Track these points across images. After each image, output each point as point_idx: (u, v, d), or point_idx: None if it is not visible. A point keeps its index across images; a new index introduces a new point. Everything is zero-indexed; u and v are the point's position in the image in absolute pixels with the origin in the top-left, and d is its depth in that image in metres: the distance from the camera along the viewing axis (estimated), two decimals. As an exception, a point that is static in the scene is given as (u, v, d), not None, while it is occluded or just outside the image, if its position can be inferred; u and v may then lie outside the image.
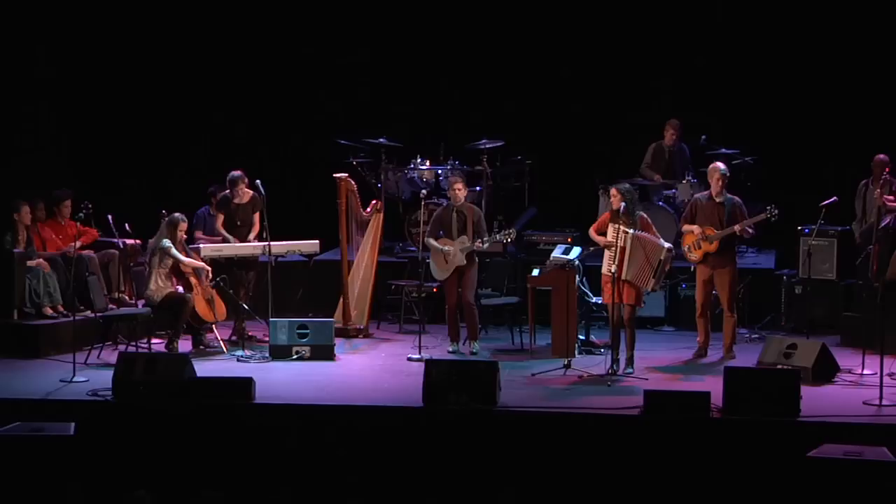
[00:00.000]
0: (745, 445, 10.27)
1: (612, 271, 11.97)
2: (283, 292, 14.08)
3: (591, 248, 12.81)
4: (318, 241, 14.10)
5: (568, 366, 12.15)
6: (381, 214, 14.36)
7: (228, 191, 13.74)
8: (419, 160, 15.60)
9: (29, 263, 13.22)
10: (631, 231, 12.08)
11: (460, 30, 16.17)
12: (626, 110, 15.92)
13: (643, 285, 12.14)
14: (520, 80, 16.22)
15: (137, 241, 14.06)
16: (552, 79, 16.20)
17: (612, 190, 12.30)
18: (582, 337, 13.04)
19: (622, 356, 12.17)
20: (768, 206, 12.69)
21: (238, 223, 13.78)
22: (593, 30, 16.04)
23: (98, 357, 12.77)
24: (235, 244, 13.66)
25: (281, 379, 11.95)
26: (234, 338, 13.41)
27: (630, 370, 12.14)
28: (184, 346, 13.11)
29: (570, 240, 13.83)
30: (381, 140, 15.46)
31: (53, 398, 11.26)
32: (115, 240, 13.97)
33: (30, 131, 15.45)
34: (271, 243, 13.31)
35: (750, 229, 12.70)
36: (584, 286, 12.99)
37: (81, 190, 13.90)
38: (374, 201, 14.42)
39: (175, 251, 13.02)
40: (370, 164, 15.68)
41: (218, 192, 14.02)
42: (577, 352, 12.54)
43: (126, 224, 13.91)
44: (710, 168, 12.94)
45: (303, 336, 12.85)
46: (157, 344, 13.11)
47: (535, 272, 12.83)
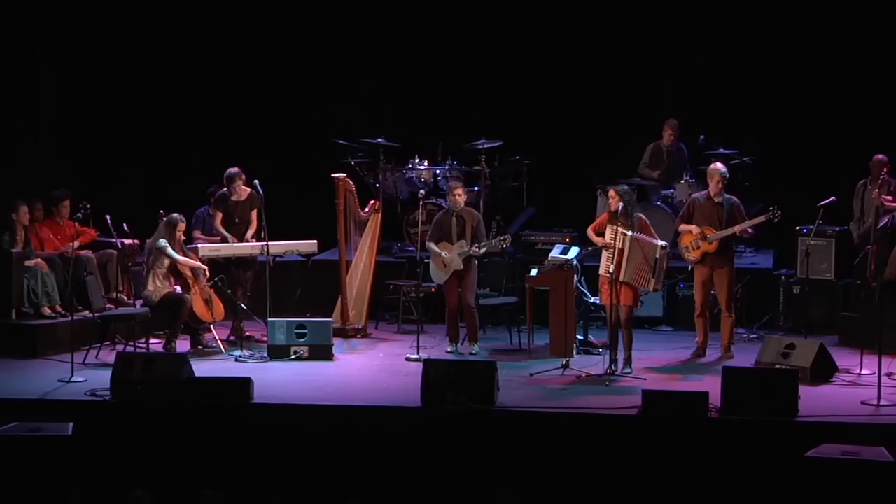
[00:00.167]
0: (744, 445, 10.27)
1: (609, 272, 11.97)
2: (282, 292, 14.10)
3: (590, 248, 12.80)
4: (316, 242, 14.08)
5: (566, 366, 12.14)
6: (380, 214, 14.34)
7: (226, 188, 13.74)
8: (417, 160, 15.59)
9: (27, 263, 13.21)
10: (629, 233, 12.08)
11: (459, 30, 16.13)
12: (625, 110, 15.90)
13: (643, 286, 12.14)
14: (518, 80, 16.17)
15: (135, 242, 14.05)
16: (551, 79, 16.17)
17: (611, 191, 12.29)
18: (580, 337, 13.03)
19: (620, 356, 12.17)
20: (771, 208, 12.67)
21: (236, 220, 13.76)
22: (592, 30, 16.00)
23: (96, 357, 12.76)
24: (234, 244, 13.64)
25: (279, 379, 11.94)
26: (233, 338, 13.39)
27: (628, 370, 12.13)
28: (182, 346, 13.11)
29: (568, 240, 13.80)
30: (380, 140, 15.45)
31: (51, 398, 11.27)
32: (114, 240, 13.97)
33: (28, 131, 15.47)
34: (269, 243, 13.28)
35: (750, 230, 12.70)
36: (582, 286, 12.98)
37: (80, 190, 13.92)
38: (372, 201, 14.40)
39: (171, 251, 13.00)
40: (368, 164, 15.65)
41: (217, 192, 14.01)
42: (575, 352, 12.52)
43: (124, 224, 13.92)
44: (711, 169, 12.92)
45: (301, 336, 12.84)
46: (156, 344, 13.11)
47: (534, 272, 12.81)
